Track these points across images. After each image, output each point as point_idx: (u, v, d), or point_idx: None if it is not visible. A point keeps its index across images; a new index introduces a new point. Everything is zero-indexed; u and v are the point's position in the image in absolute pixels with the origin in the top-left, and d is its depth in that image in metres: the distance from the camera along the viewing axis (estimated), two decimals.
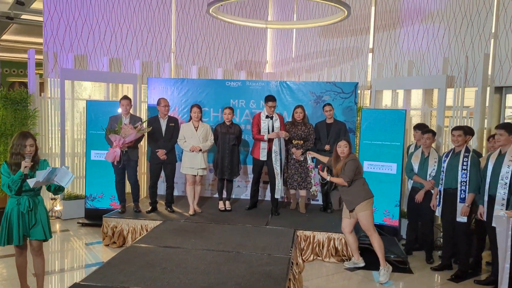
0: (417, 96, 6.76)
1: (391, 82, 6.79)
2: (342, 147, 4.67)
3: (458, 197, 4.65)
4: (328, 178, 4.65)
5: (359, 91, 7.07)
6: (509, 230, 3.65)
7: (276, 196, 5.93)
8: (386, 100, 7.06)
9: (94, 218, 6.35)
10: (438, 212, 4.95)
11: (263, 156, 5.93)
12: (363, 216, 4.64)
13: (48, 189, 3.77)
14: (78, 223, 6.48)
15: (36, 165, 3.70)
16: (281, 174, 5.86)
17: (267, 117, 5.93)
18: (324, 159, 5.15)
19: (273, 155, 5.85)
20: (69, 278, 4.55)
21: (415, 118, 6.71)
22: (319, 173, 4.82)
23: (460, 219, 4.66)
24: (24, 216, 3.64)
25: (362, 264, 4.94)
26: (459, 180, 4.64)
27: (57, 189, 3.75)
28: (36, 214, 3.70)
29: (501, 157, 4.33)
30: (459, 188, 4.66)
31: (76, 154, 7.12)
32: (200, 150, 5.79)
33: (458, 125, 5.51)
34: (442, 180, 4.85)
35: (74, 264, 5.03)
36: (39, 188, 3.74)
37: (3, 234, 3.63)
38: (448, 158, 4.83)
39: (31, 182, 3.52)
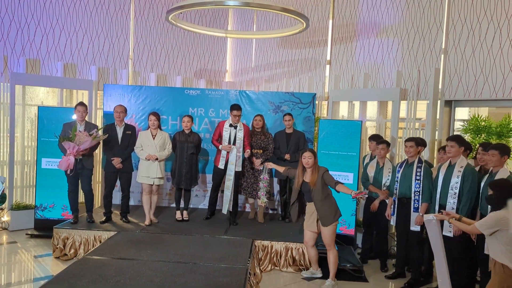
0: (372, 107, 6.96)
1: (348, 94, 6.97)
2: (306, 158, 4.64)
3: (412, 207, 4.80)
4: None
5: (317, 102, 7.20)
6: (440, 232, 3.79)
7: (223, 211, 5.89)
8: (343, 111, 7.22)
9: (44, 229, 6.07)
10: (392, 221, 5.09)
11: (221, 165, 5.91)
12: (328, 230, 4.64)
13: None
14: (26, 234, 6.17)
15: None
16: (232, 188, 5.80)
17: (230, 125, 5.91)
18: (281, 169, 5.17)
19: (228, 166, 5.83)
20: None
21: (371, 129, 6.90)
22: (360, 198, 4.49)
23: (414, 228, 4.81)
24: None
25: (320, 274, 4.97)
26: (412, 190, 4.80)
27: None
28: None
29: (451, 168, 4.51)
30: (412, 198, 4.80)
31: (27, 162, 6.80)
32: (156, 159, 5.68)
33: (410, 136, 5.71)
34: (396, 189, 5.00)
35: (21, 277, 4.77)
36: None
37: None
38: (402, 168, 4.98)
39: None
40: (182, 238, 5.28)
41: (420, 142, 5.03)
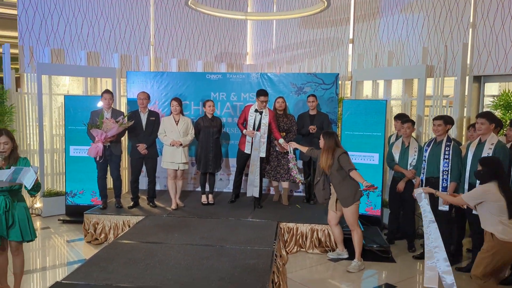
0: (397, 86, 6.81)
1: (372, 73, 6.83)
2: (321, 140, 4.78)
3: (440, 186, 4.71)
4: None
5: (340, 82, 7.09)
6: (428, 204, 3.99)
7: (248, 194, 5.90)
8: (367, 90, 7.09)
9: (75, 214, 6.26)
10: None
11: (247, 149, 5.89)
12: (350, 211, 4.64)
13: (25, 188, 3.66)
14: (59, 220, 6.38)
15: (14, 163, 3.58)
16: (259, 172, 5.79)
17: (256, 111, 5.87)
18: (304, 148, 5.18)
19: (252, 152, 5.81)
20: (51, 276, 4.48)
21: (396, 108, 6.76)
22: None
23: (442, 208, 4.73)
24: (1, 216, 3.53)
25: (346, 255, 4.97)
26: (441, 170, 4.69)
27: (31, 189, 3.60)
28: (13, 214, 3.60)
29: (481, 145, 4.39)
30: (441, 177, 4.71)
31: (56, 150, 6.98)
32: (181, 144, 5.73)
33: (438, 114, 5.57)
34: (423, 169, 4.91)
35: (56, 261, 4.95)
36: (19, 187, 3.64)
37: None
38: (430, 147, 4.87)
39: None
40: (208, 222, 5.35)
41: (448, 120, 4.90)
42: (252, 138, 5.83)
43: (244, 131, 5.86)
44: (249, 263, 3.99)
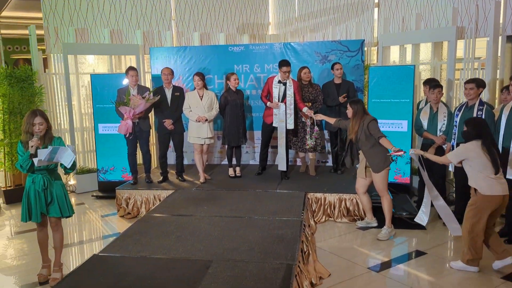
0: (426, 50, 6.58)
1: (399, 37, 6.60)
2: (348, 109, 4.71)
3: None
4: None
5: (365, 49, 6.90)
6: (421, 164, 4.28)
7: (279, 168, 5.89)
8: (394, 56, 6.89)
9: (107, 190, 6.45)
10: (451, 167, 4.91)
11: (275, 122, 5.80)
12: (379, 177, 4.60)
13: (61, 166, 3.78)
14: (92, 196, 6.60)
15: (49, 143, 3.69)
16: (286, 145, 5.77)
17: (279, 82, 5.78)
18: (332, 120, 5.11)
19: (278, 124, 5.75)
20: (88, 250, 4.66)
21: (424, 73, 6.56)
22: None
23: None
24: (40, 194, 3.68)
25: (375, 224, 4.96)
26: None
27: (67, 168, 3.72)
28: (52, 192, 3.74)
29: None
30: None
31: (85, 128, 7.15)
32: (206, 120, 5.76)
33: (469, 77, 5.37)
34: (454, 134, 4.78)
35: (92, 235, 5.14)
36: (55, 166, 3.76)
37: (24, 211, 3.71)
38: (461, 112, 4.73)
39: (35, 161, 3.53)
40: (236, 194, 5.41)
41: (480, 83, 4.72)
42: (278, 111, 5.77)
43: (268, 103, 5.79)
44: (278, 233, 4.04)
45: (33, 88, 6.43)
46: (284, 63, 5.67)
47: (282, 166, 5.82)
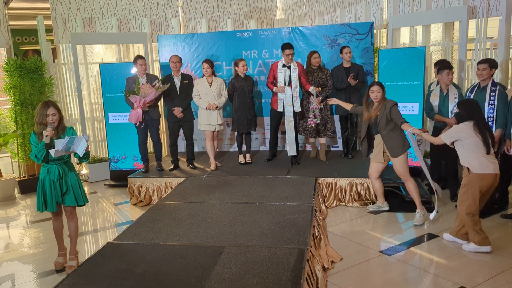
0: (436, 31, 6.47)
1: (409, 18, 6.49)
2: (375, 93, 4.53)
3: None
4: (421, 134, 4.25)
5: (375, 31, 6.81)
6: (415, 143, 4.46)
7: (289, 154, 5.88)
8: (404, 38, 6.78)
9: (119, 179, 6.52)
10: None
11: (280, 107, 5.83)
12: (399, 161, 4.55)
13: (75, 155, 3.82)
14: (104, 184, 6.67)
15: (62, 134, 3.73)
16: (294, 128, 5.75)
17: (284, 66, 5.76)
18: (348, 106, 5.02)
19: (285, 108, 5.74)
20: (103, 238, 4.74)
21: (435, 54, 6.46)
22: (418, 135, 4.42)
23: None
24: (55, 184, 3.73)
25: (387, 208, 4.95)
26: (485, 116, 4.50)
27: (80, 157, 3.77)
28: (67, 182, 3.79)
29: None
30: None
31: (96, 118, 7.20)
32: (217, 107, 5.76)
33: (481, 58, 5.27)
34: None
35: (105, 224, 5.21)
36: (68, 156, 3.80)
37: (40, 201, 3.76)
38: (473, 93, 4.66)
39: (52, 152, 3.57)
40: (247, 180, 5.43)
41: (493, 64, 4.64)
42: (284, 95, 5.76)
43: (275, 88, 5.78)
44: (289, 218, 4.05)
45: (43, 79, 6.47)
46: (286, 46, 5.64)
47: (292, 151, 5.81)
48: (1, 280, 3.78)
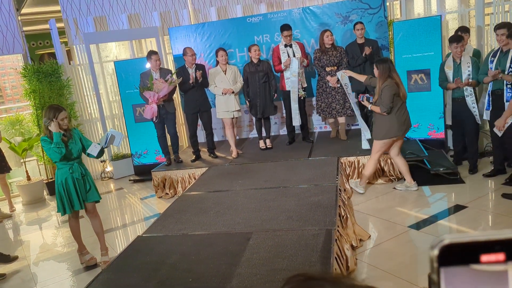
0: None
1: None
2: (374, 69, 4.52)
3: (505, 97, 4.41)
4: (369, 106, 4.51)
5: (387, 4, 6.64)
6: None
7: (294, 123, 5.91)
8: (418, 8, 6.61)
9: (143, 173, 6.61)
10: (486, 116, 4.75)
11: (288, 87, 5.80)
12: (376, 143, 4.58)
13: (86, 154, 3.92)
14: (129, 180, 6.78)
15: (70, 137, 3.80)
16: (297, 99, 5.75)
17: (285, 46, 5.79)
18: (362, 77, 4.92)
19: (290, 79, 5.73)
20: (132, 232, 4.83)
21: (452, 22, 6.27)
22: (361, 102, 4.67)
23: (509, 120, 4.44)
24: (79, 182, 3.81)
25: (415, 188, 4.75)
26: (505, 81, 4.37)
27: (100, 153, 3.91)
28: (88, 179, 3.88)
29: None
30: (505, 89, 4.40)
31: (115, 115, 7.29)
32: (233, 92, 5.76)
33: (500, 22, 5.09)
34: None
35: (134, 218, 5.32)
36: (80, 154, 3.89)
37: (66, 203, 3.81)
38: (496, 58, 4.52)
39: (95, 150, 3.72)
40: (269, 165, 5.44)
41: None
42: (290, 70, 5.73)
43: (282, 65, 5.80)
44: (314, 200, 4.05)
45: (61, 81, 6.58)
46: (284, 27, 5.75)
47: (296, 121, 5.83)
48: (39, 279, 3.91)
